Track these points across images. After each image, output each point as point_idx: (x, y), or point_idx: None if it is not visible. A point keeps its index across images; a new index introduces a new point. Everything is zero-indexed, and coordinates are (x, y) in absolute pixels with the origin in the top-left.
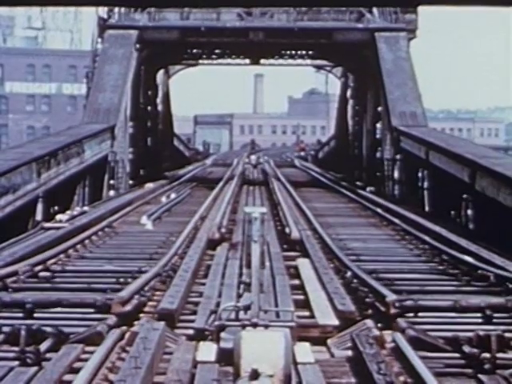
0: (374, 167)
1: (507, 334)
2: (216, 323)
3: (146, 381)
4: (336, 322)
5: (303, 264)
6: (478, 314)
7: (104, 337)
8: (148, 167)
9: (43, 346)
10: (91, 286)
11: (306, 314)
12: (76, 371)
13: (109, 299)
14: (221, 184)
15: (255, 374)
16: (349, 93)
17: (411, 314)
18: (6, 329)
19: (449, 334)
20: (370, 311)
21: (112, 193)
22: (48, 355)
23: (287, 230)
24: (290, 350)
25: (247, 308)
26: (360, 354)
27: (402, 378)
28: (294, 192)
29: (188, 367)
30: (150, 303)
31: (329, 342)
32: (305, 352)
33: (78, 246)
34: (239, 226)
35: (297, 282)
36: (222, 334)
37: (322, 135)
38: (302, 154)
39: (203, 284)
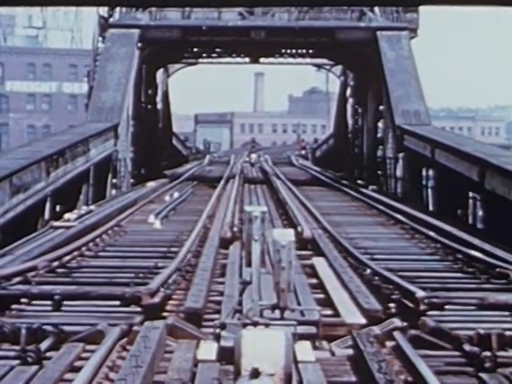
0: (374, 166)
1: (508, 333)
2: (217, 322)
3: (147, 379)
4: (363, 321)
5: (319, 263)
6: (505, 312)
7: (104, 335)
8: (148, 166)
9: (44, 345)
10: (112, 280)
11: (330, 312)
12: (77, 370)
13: (137, 291)
14: (222, 183)
15: (256, 373)
16: (348, 91)
17: (436, 312)
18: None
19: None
20: (394, 308)
21: (114, 191)
22: (49, 354)
23: (299, 228)
24: (290, 348)
25: (275, 307)
26: (361, 353)
27: (402, 377)
28: (297, 190)
29: (189, 366)
30: (172, 302)
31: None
32: (305, 351)
33: (91, 245)
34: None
35: (314, 280)
36: (223, 333)
37: (323, 134)
38: (303, 152)
39: (221, 283)
